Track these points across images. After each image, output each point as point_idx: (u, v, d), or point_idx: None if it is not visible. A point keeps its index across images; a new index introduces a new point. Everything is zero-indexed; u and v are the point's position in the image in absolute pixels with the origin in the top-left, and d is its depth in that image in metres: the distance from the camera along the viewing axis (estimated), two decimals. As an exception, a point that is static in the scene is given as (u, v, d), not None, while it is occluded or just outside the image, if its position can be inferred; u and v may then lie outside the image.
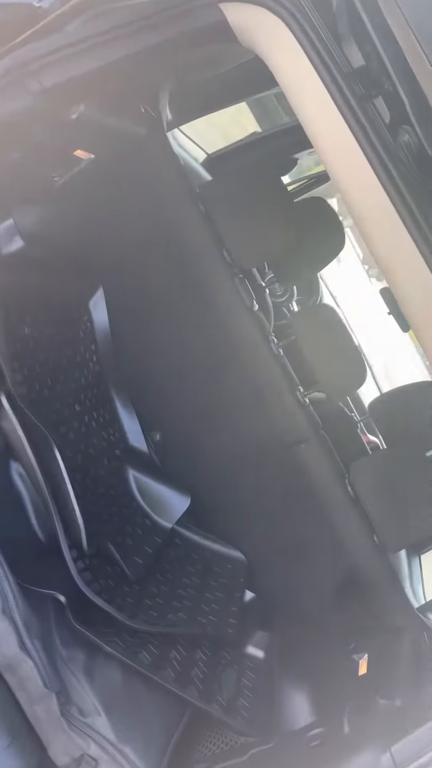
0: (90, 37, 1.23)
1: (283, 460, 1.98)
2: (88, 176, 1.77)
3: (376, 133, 1.30)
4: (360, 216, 1.29)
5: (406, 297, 1.29)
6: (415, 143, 1.29)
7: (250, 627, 1.91)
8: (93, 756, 1.34)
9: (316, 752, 1.33)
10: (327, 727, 1.39)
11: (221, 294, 1.95)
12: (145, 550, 1.91)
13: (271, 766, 1.39)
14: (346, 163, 1.28)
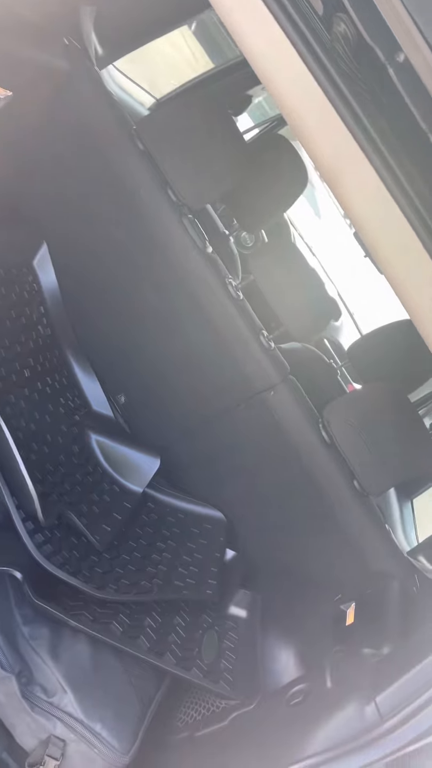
0: None
1: (253, 408, 1.87)
2: (11, 117, 1.61)
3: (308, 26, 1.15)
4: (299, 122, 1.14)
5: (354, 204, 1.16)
6: (351, 33, 1.14)
7: (232, 586, 1.82)
8: (60, 737, 1.25)
9: (297, 710, 1.25)
10: (309, 682, 1.31)
11: (170, 236, 1.80)
12: (113, 517, 1.80)
13: (252, 729, 1.30)
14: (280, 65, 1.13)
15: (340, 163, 1.14)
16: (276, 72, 1.13)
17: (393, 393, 1.98)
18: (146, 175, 1.78)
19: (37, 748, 1.27)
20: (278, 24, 1.09)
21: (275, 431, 1.86)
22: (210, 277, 1.82)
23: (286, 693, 1.31)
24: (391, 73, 1.12)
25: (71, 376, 2.03)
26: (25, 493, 1.50)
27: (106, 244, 1.92)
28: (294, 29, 1.13)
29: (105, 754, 1.25)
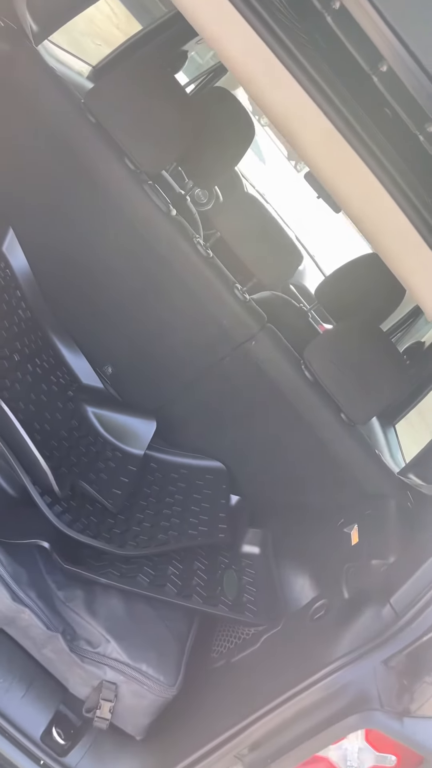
0: None
1: (237, 360, 1.96)
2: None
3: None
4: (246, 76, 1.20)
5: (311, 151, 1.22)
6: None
7: (241, 527, 1.94)
8: (111, 680, 1.36)
9: (320, 623, 1.37)
10: (328, 597, 1.43)
11: (133, 205, 1.85)
12: (121, 481, 1.90)
13: (283, 646, 1.43)
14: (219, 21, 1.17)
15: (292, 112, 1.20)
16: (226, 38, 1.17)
17: (365, 326, 2.08)
18: (102, 147, 1.82)
19: (91, 694, 1.38)
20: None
21: (261, 378, 1.95)
22: (178, 240, 1.88)
23: (309, 610, 1.44)
24: (329, 20, 1.18)
25: (57, 355, 2.09)
26: (38, 469, 1.58)
27: (72, 221, 1.96)
28: None
29: (154, 688, 1.37)
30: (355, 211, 1.32)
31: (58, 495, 1.62)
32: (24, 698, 1.32)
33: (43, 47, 2.12)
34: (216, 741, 1.28)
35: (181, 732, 1.37)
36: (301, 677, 1.25)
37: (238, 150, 2.58)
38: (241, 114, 2.51)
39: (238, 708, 1.30)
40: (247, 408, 2.06)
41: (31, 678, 1.35)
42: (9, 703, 1.30)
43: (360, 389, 1.91)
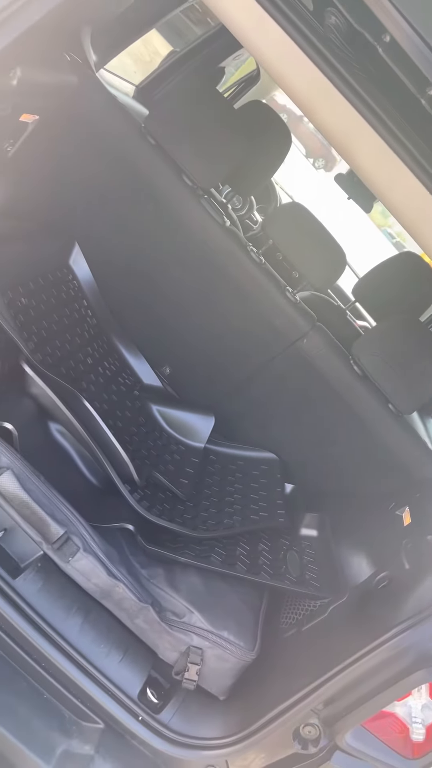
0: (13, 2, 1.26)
1: (289, 358, 2.11)
2: (38, 137, 1.80)
3: (303, 22, 1.35)
4: (307, 104, 1.35)
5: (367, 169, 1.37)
6: (342, 23, 1.34)
7: (299, 512, 2.09)
8: (197, 646, 1.52)
9: (385, 591, 1.52)
10: (390, 569, 1.57)
11: (193, 218, 2.01)
12: (187, 472, 2.06)
13: (350, 615, 1.58)
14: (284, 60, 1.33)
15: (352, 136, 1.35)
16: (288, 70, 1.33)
17: (407, 321, 2.22)
18: (162, 166, 1.98)
19: (179, 659, 1.54)
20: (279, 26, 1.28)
21: (312, 374, 2.10)
22: (233, 248, 2.04)
23: (372, 581, 1.59)
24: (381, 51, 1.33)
25: (121, 358, 2.26)
26: (119, 461, 1.75)
27: (133, 235, 2.13)
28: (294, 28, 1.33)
29: (235, 652, 1.53)
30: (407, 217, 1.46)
31: (137, 484, 1.79)
32: (121, 662, 1.49)
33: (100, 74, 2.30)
34: (294, 698, 1.43)
35: (261, 691, 1.52)
36: (368, 639, 1.39)
37: (276, 159, 2.74)
38: (281, 127, 2.67)
39: (312, 669, 1.45)
40: (298, 402, 2.21)
41: (127, 645, 1.52)
42: (109, 667, 1.47)
43: (406, 381, 2.05)
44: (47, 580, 1.46)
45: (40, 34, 1.38)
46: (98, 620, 1.50)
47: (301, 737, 1.44)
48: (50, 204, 2.01)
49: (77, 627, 1.46)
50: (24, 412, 1.68)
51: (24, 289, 1.86)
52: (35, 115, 1.73)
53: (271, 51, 1.37)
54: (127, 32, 2.18)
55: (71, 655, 1.42)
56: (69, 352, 1.96)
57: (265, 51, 1.35)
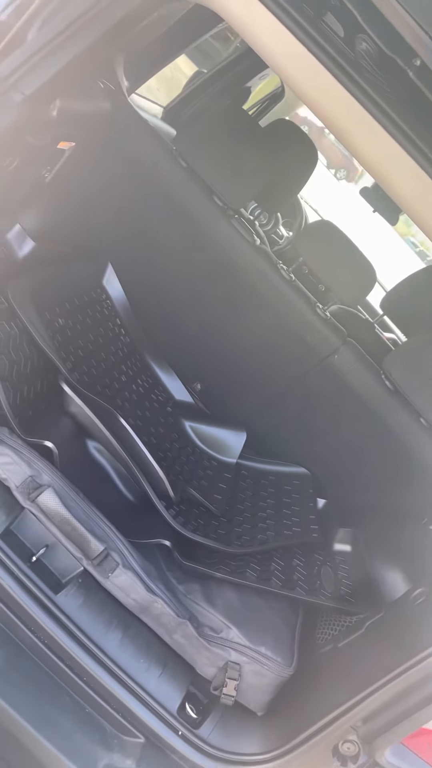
0: (51, 39, 1.32)
1: (321, 373, 2.13)
2: (73, 163, 1.86)
3: (335, 48, 1.37)
4: (340, 129, 1.38)
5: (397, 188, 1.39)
6: (373, 48, 1.36)
7: (332, 527, 2.10)
8: (235, 661, 1.54)
9: (422, 607, 1.52)
10: (426, 585, 1.57)
11: (224, 238, 2.05)
12: (220, 487, 2.09)
13: (387, 630, 1.58)
14: (316, 86, 1.36)
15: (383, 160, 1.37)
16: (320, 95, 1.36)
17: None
18: (193, 187, 2.03)
19: (217, 674, 1.55)
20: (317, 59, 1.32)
21: (344, 389, 2.11)
22: (264, 267, 2.07)
23: (409, 597, 1.59)
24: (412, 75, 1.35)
25: (154, 375, 2.30)
26: (155, 477, 1.78)
27: (165, 254, 2.18)
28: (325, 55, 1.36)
29: (273, 668, 1.54)
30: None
31: (172, 499, 1.82)
32: (161, 677, 1.51)
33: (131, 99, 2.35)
34: (332, 714, 1.43)
35: (299, 707, 1.53)
36: (407, 656, 1.40)
37: (303, 177, 2.77)
38: (306, 144, 2.70)
39: (350, 685, 1.45)
40: (330, 417, 2.22)
41: (165, 660, 1.54)
42: (149, 681, 1.49)
43: (438, 396, 2.05)
44: (87, 595, 1.49)
45: (78, 66, 1.43)
46: (137, 635, 1.53)
47: (340, 754, 1.44)
48: (84, 227, 2.07)
49: (117, 642, 1.48)
50: (63, 430, 1.72)
51: (61, 310, 1.91)
52: (72, 142, 1.79)
53: (302, 76, 1.40)
54: (158, 58, 2.24)
55: (112, 670, 1.45)
56: (104, 370, 2.00)
57: (297, 77, 1.38)
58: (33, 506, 1.45)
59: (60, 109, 1.51)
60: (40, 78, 1.33)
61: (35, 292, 1.77)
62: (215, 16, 1.45)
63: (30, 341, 1.69)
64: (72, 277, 2.06)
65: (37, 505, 1.47)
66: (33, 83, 1.33)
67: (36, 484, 1.46)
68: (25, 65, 1.31)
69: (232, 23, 1.44)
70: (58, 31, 1.30)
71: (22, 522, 1.45)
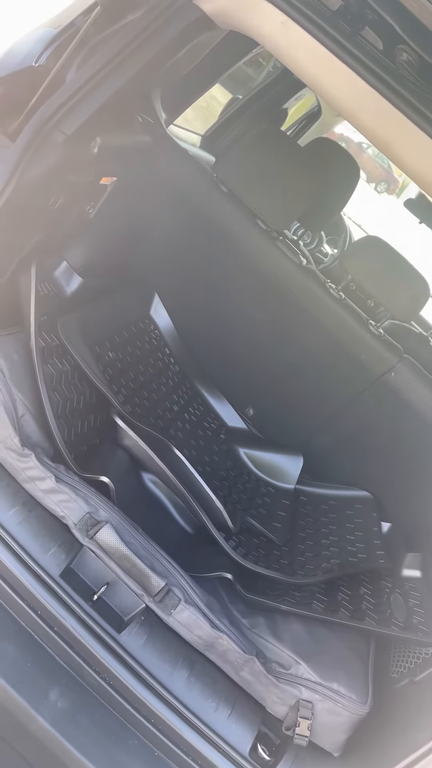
0: (91, 78, 1.33)
1: (377, 392, 2.06)
2: (116, 197, 1.87)
3: (375, 62, 1.35)
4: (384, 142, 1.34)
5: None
6: (414, 58, 1.33)
7: (399, 552, 2.00)
8: (307, 699, 1.47)
9: None
10: None
11: (270, 261, 2.03)
12: (279, 515, 2.03)
13: (468, 662, 1.49)
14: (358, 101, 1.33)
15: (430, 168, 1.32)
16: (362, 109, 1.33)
17: None
18: (236, 212, 2.02)
19: (289, 713, 1.48)
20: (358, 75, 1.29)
21: (403, 406, 2.04)
22: (313, 287, 2.04)
23: None
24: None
25: (205, 403, 2.28)
26: (212, 508, 1.74)
27: (212, 281, 2.17)
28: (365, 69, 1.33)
29: (348, 706, 1.46)
30: None
31: (231, 530, 1.78)
32: (230, 717, 1.45)
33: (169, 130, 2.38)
34: (415, 755, 1.34)
35: (378, 748, 1.45)
36: None
37: (346, 194, 2.73)
38: (349, 161, 2.67)
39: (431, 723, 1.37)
40: (389, 436, 2.15)
41: (234, 699, 1.48)
42: (218, 722, 1.43)
43: None
44: (151, 633, 1.46)
45: (116, 103, 1.45)
46: (203, 673, 1.48)
47: (425, 798, 1.35)
48: (130, 259, 2.08)
49: (183, 681, 1.44)
50: (118, 464, 1.71)
51: (110, 343, 1.92)
52: (113, 177, 1.80)
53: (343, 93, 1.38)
54: (194, 88, 2.25)
55: (180, 711, 1.40)
56: (156, 401, 1.99)
57: (338, 94, 1.36)
58: (92, 543, 1.43)
59: (101, 146, 1.52)
60: (80, 117, 1.35)
61: (84, 327, 1.78)
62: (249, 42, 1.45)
63: (82, 376, 1.69)
64: (120, 310, 2.07)
65: (96, 542, 1.45)
66: (74, 123, 1.35)
67: (94, 521, 1.45)
68: (65, 106, 1.33)
69: (268, 47, 1.43)
70: (95, 71, 1.31)
71: (81, 560, 1.43)
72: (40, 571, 1.40)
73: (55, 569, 1.41)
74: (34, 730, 1.32)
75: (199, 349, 2.31)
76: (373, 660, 1.65)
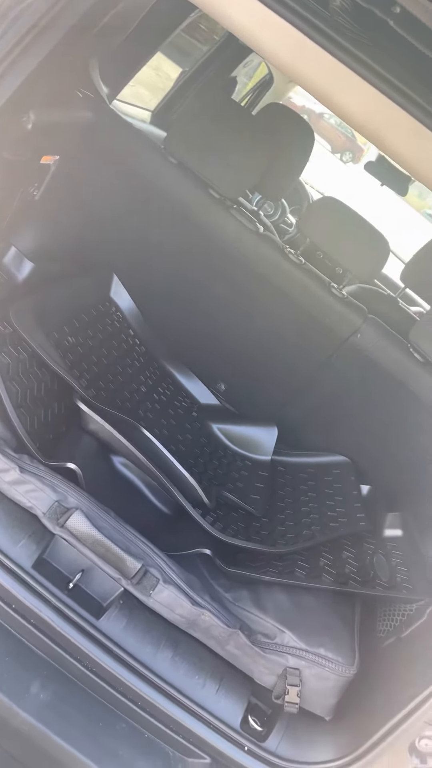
0: (12, 49, 1.27)
1: (346, 355, 2.04)
2: (62, 177, 1.82)
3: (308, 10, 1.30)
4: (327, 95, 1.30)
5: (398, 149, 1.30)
6: (347, 3, 1.28)
7: (379, 513, 2.00)
8: (294, 666, 1.46)
9: None
10: None
11: (226, 230, 1.99)
12: (257, 487, 2.01)
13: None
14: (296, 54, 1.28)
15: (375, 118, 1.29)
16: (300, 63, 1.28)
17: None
18: (187, 183, 1.97)
19: (277, 682, 1.48)
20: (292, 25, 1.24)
21: (372, 368, 2.02)
22: (271, 253, 2.00)
23: (469, 576, 1.49)
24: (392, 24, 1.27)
25: (175, 382, 2.24)
26: (187, 486, 1.72)
27: (169, 256, 2.12)
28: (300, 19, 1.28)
29: (335, 669, 1.46)
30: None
31: (208, 506, 1.75)
32: (218, 692, 1.44)
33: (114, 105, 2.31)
34: (404, 711, 1.34)
35: (368, 707, 1.44)
36: None
37: (302, 158, 2.68)
38: (301, 125, 2.62)
39: (419, 678, 1.36)
40: (361, 399, 2.13)
41: (221, 673, 1.47)
42: (207, 698, 1.42)
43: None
44: (131, 616, 1.43)
45: (45, 75, 1.39)
46: (188, 651, 1.46)
47: (418, 751, 1.35)
48: (83, 240, 2.03)
49: (168, 661, 1.42)
50: (85, 450, 1.67)
51: (69, 328, 1.87)
52: (55, 155, 1.74)
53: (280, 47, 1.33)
54: (134, 59, 2.19)
55: (167, 691, 1.39)
56: (122, 383, 1.95)
57: (274, 48, 1.31)
58: (63, 531, 1.40)
59: (35, 122, 1.47)
60: (7, 90, 1.29)
61: (40, 313, 1.73)
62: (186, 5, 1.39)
63: (41, 364, 1.64)
64: (77, 294, 2.01)
65: (67, 530, 1.42)
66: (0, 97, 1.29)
67: (63, 509, 1.42)
68: (-11, 79, 1.27)
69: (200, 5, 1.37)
70: (18, 40, 1.25)
71: (54, 549, 1.40)
72: (11, 564, 1.37)
73: (27, 561, 1.38)
74: (18, 725, 1.29)
75: (165, 328, 2.27)
76: (359, 622, 1.65)
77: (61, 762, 1.31)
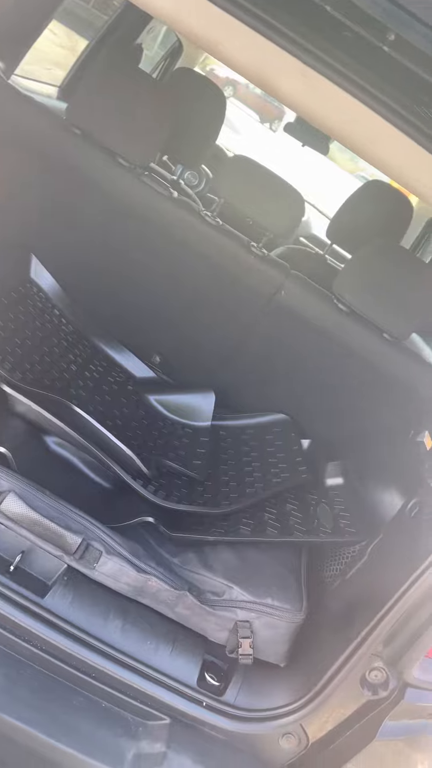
0: None
1: (272, 314, 2.05)
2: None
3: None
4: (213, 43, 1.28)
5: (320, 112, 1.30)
6: None
7: (321, 464, 2.04)
8: (243, 619, 1.49)
9: (418, 519, 1.46)
10: (419, 495, 1.52)
11: (139, 198, 1.96)
12: (199, 453, 2.02)
13: (390, 549, 1.53)
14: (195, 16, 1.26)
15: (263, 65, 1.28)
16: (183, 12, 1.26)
17: (385, 246, 2.15)
18: (94, 154, 1.92)
19: (229, 636, 1.50)
20: None
21: (299, 323, 2.04)
22: (186, 216, 1.98)
23: (404, 511, 1.53)
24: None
25: (107, 358, 2.22)
26: (124, 458, 1.71)
27: (85, 229, 2.08)
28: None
29: (284, 616, 1.49)
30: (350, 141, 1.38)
31: (148, 476, 1.75)
32: (172, 653, 1.46)
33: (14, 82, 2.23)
34: (352, 645, 1.39)
35: (319, 648, 1.49)
36: (412, 568, 1.35)
37: (215, 123, 2.66)
38: (210, 88, 2.59)
39: (364, 613, 1.41)
40: (292, 356, 2.15)
41: (174, 636, 1.48)
42: (161, 661, 1.43)
43: (395, 306, 1.98)
44: (77, 591, 1.43)
45: None
46: (139, 618, 1.47)
47: (369, 683, 1.40)
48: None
49: (119, 630, 1.43)
50: (15, 432, 1.65)
51: (-13, 313, 1.83)
52: None
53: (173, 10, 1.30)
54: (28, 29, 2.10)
55: (119, 659, 1.40)
56: (50, 363, 1.92)
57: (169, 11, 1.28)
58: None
59: None
60: None
61: None
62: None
63: None
64: (-7, 277, 1.96)
65: (2, 513, 1.40)
66: None
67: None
68: None
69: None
70: None
71: (-10, 534, 1.38)
72: None
73: None
74: (-30, 713, 1.28)
75: (93, 305, 2.23)
76: (307, 570, 1.69)
77: (21, 744, 1.31)
